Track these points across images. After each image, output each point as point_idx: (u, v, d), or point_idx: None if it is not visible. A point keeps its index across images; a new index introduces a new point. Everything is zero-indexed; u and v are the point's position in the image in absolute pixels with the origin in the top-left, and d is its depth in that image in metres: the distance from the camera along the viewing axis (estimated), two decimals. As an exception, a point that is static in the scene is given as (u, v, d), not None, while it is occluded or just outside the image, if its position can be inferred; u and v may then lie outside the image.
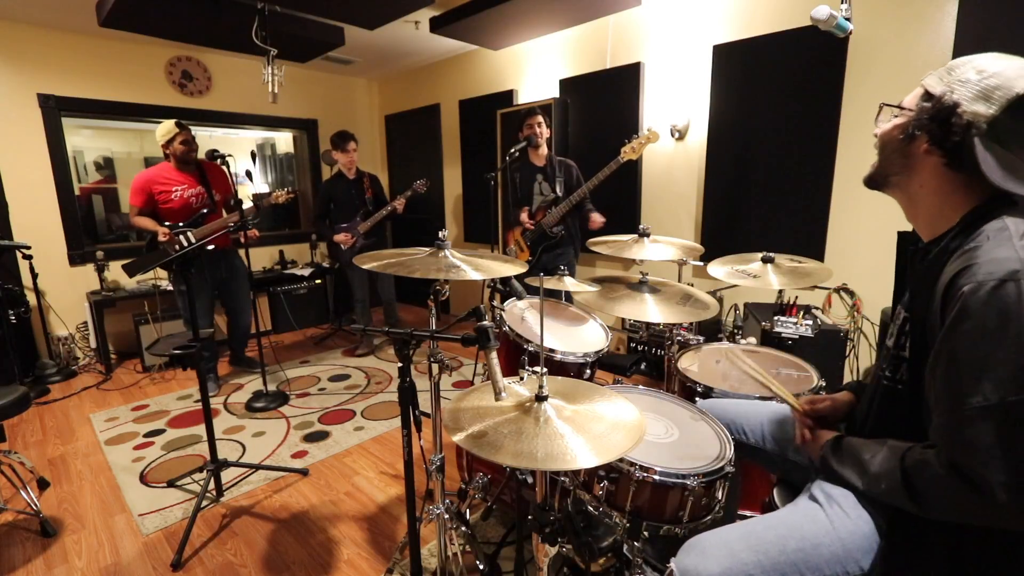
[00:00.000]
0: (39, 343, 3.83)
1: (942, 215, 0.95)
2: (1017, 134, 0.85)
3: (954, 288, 0.83)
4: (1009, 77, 0.85)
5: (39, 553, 1.97)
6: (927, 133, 0.91)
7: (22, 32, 3.70)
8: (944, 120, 0.88)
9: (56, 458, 2.68)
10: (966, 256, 0.84)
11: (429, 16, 3.51)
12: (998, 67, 0.87)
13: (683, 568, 0.99)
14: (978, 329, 0.78)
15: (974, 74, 0.88)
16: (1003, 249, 0.81)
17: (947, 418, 0.82)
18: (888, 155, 1.00)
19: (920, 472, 0.84)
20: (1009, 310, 0.76)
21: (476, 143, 4.79)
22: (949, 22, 2.31)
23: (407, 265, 1.39)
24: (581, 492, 1.35)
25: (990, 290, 0.77)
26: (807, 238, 2.83)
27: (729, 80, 3.05)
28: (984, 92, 0.86)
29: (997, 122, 0.85)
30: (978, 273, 0.79)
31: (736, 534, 1.02)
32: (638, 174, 3.57)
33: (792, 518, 1.03)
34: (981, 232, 0.87)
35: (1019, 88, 0.84)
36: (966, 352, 0.80)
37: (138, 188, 3.17)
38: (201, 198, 3.27)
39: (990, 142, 0.85)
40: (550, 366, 1.85)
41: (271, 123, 5.17)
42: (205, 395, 2.17)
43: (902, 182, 1.00)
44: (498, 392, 1.05)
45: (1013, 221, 0.86)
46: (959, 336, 0.81)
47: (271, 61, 2.88)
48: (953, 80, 0.89)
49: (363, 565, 1.88)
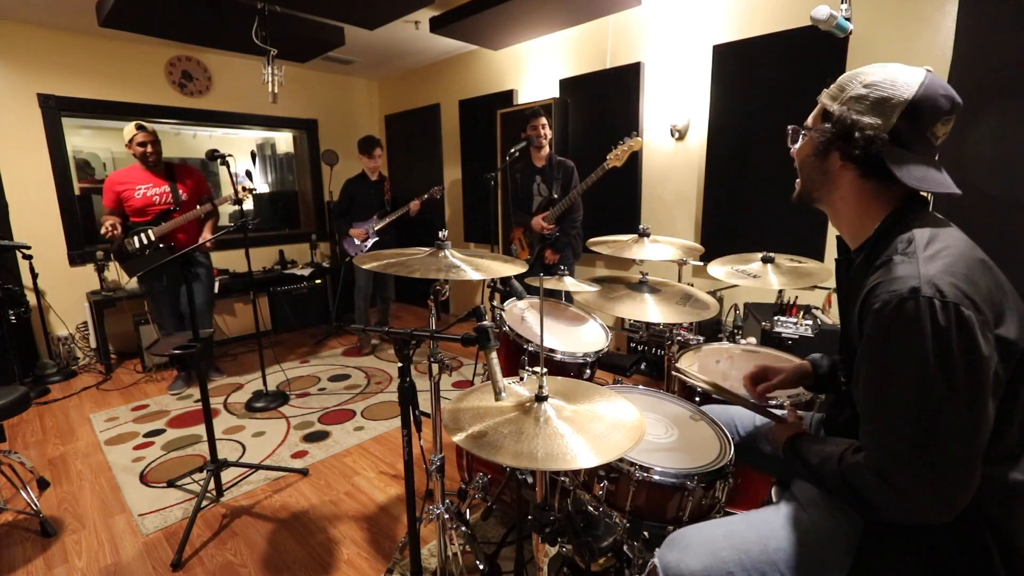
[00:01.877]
0: (39, 343, 3.83)
1: (862, 225, 0.99)
2: (917, 136, 0.90)
3: (866, 307, 0.87)
4: (896, 85, 0.89)
5: (39, 553, 1.97)
6: (837, 150, 0.95)
7: (22, 32, 3.70)
8: (849, 137, 0.92)
9: (56, 458, 2.68)
10: (879, 273, 0.88)
11: (429, 16, 3.51)
12: (882, 77, 0.91)
13: (665, 563, 1.02)
14: (882, 345, 0.83)
15: (863, 89, 0.92)
16: (906, 267, 0.84)
17: (869, 427, 0.87)
18: (808, 174, 1.05)
19: (854, 475, 0.88)
20: (910, 326, 0.79)
21: (476, 143, 4.78)
22: (949, 22, 2.31)
23: (407, 265, 1.39)
24: (581, 492, 1.35)
25: (893, 308, 0.81)
26: (807, 238, 2.83)
27: (729, 80, 3.05)
28: (877, 105, 0.90)
29: (896, 130, 0.89)
30: (883, 293, 0.83)
31: (719, 532, 1.04)
32: (638, 174, 3.57)
33: (774, 518, 1.05)
34: (892, 245, 0.91)
35: (907, 95, 0.88)
36: (875, 367, 0.85)
37: (106, 188, 3.22)
38: (165, 197, 3.28)
39: (896, 148, 0.90)
40: (550, 366, 1.85)
41: (271, 123, 5.17)
42: (205, 395, 2.17)
43: (824, 197, 1.04)
44: (498, 392, 1.05)
45: (920, 232, 0.89)
46: (869, 352, 0.86)
47: (271, 61, 2.88)
48: (846, 98, 0.94)
49: (363, 565, 1.88)
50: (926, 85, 0.88)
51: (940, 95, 0.88)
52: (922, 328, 0.78)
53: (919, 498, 0.80)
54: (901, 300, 0.80)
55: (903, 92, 0.88)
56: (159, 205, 3.26)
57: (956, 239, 0.89)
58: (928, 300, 0.78)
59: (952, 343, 0.77)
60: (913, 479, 0.79)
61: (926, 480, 0.79)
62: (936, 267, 0.82)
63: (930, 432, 0.78)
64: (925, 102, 0.88)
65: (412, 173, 5.64)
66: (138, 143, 3.18)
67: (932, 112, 0.88)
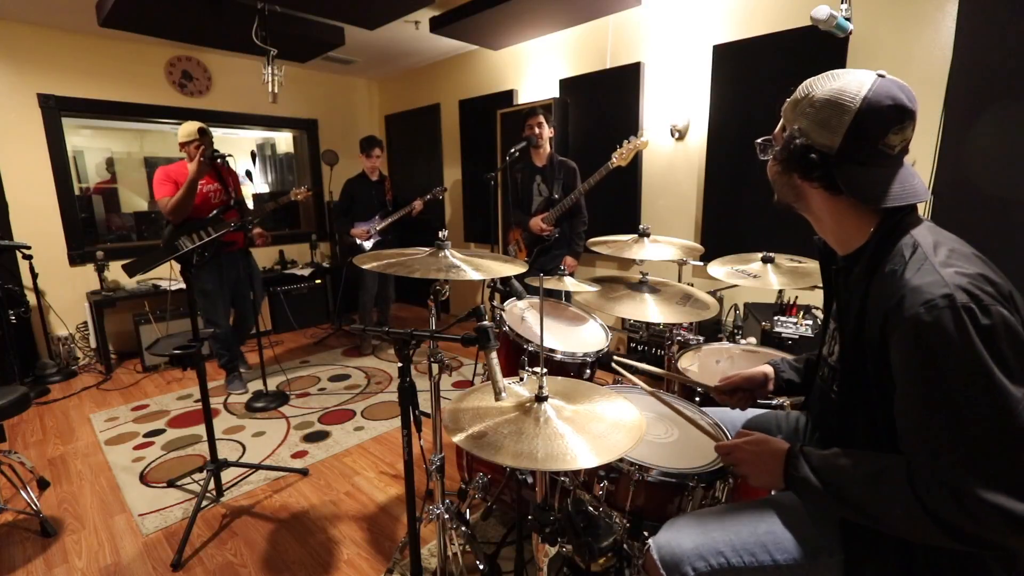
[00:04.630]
0: (39, 343, 3.83)
1: (849, 235, 0.97)
2: (868, 151, 0.87)
3: (891, 319, 0.83)
4: (839, 102, 0.86)
5: (39, 553, 1.97)
6: (794, 170, 0.94)
7: (22, 32, 3.70)
8: (801, 157, 0.90)
9: (56, 458, 2.68)
10: (893, 282, 0.84)
11: (429, 16, 3.51)
12: (828, 92, 0.88)
13: (659, 543, 1.04)
14: (931, 361, 0.78)
15: (809, 107, 0.90)
16: (926, 274, 0.82)
17: (950, 449, 0.78)
18: (780, 188, 1.03)
19: (935, 499, 0.78)
20: (959, 335, 0.76)
21: (476, 143, 4.78)
22: (949, 22, 2.31)
23: (407, 265, 1.39)
24: (581, 492, 1.35)
25: (934, 321, 0.77)
26: (807, 238, 2.82)
27: (729, 80, 3.05)
28: (824, 123, 0.88)
29: (844, 148, 0.87)
30: (914, 305, 0.79)
31: (711, 515, 1.07)
32: (638, 174, 3.57)
33: (766, 503, 1.06)
34: (897, 251, 0.88)
35: (850, 110, 0.85)
36: (931, 385, 0.79)
37: (165, 178, 3.10)
38: (219, 194, 3.26)
39: (848, 166, 0.88)
40: (550, 366, 1.84)
41: (271, 123, 5.17)
42: (205, 395, 2.17)
43: (802, 207, 1.03)
44: (498, 392, 1.05)
45: (920, 235, 0.88)
46: (917, 371, 0.81)
47: (271, 61, 2.88)
48: (797, 115, 0.92)
49: (363, 565, 1.88)
50: (869, 98, 0.84)
51: (886, 106, 0.84)
52: (969, 336, 0.76)
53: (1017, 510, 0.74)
54: (938, 310, 0.77)
55: (847, 107, 0.85)
56: (215, 202, 3.23)
57: (952, 239, 0.89)
58: (967, 307, 0.76)
59: (1001, 343, 0.76)
60: (1013, 487, 0.74)
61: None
62: (957, 271, 0.80)
63: (1015, 434, 0.75)
64: (870, 116, 0.85)
65: (412, 173, 5.64)
66: (195, 146, 3.08)
67: (879, 124, 0.85)
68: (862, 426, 0.95)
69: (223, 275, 3.31)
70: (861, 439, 0.95)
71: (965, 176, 2.20)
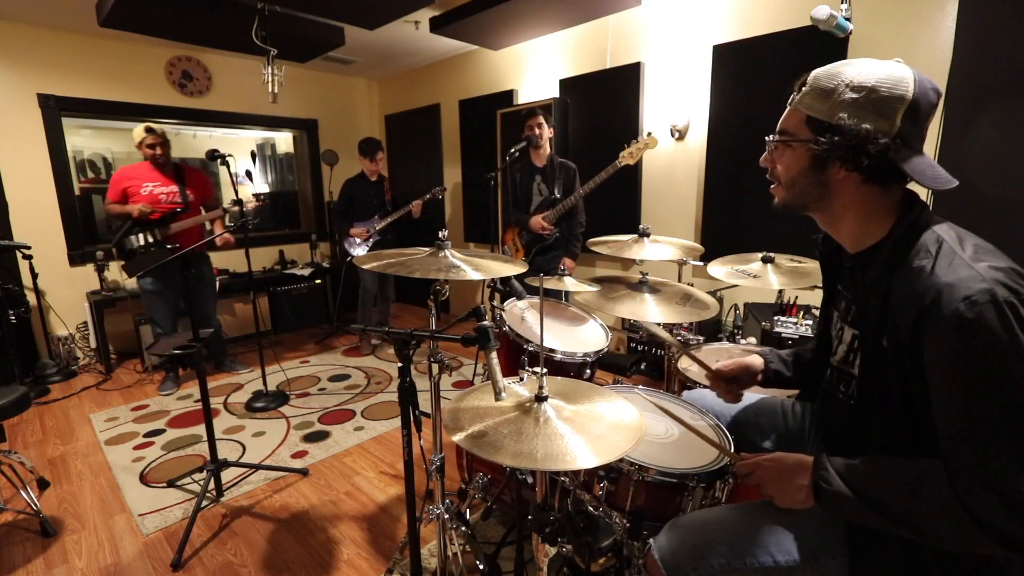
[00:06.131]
0: (39, 343, 3.83)
1: (867, 230, 0.96)
2: (917, 135, 0.88)
3: (926, 317, 0.80)
4: (896, 86, 0.86)
5: (39, 553, 1.97)
6: (840, 160, 0.89)
7: (22, 32, 3.70)
8: (858, 145, 0.86)
9: (56, 458, 2.68)
10: (925, 281, 0.82)
11: (429, 16, 3.51)
12: (876, 78, 0.87)
13: (660, 544, 1.04)
14: (980, 358, 0.76)
15: (854, 92, 0.87)
16: (959, 269, 0.80)
17: (1002, 451, 0.75)
18: (802, 187, 0.98)
19: (985, 508, 0.76)
20: (1005, 330, 0.74)
21: (476, 143, 4.78)
22: (949, 22, 2.31)
23: (407, 265, 1.39)
24: (581, 492, 1.35)
25: (976, 318, 0.75)
26: (807, 238, 2.83)
27: (729, 80, 3.05)
28: (878, 108, 0.86)
29: (901, 131, 0.86)
30: (952, 301, 0.77)
31: (712, 516, 1.07)
32: (638, 174, 3.57)
33: (767, 504, 1.05)
34: (920, 246, 0.87)
35: (907, 94, 0.85)
36: (983, 383, 0.76)
37: (113, 182, 3.25)
38: (172, 197, 3.29)
39: (904, 150, 0.87)
40: (550, 366, 1.84)
41: (271, 123, 5.17)
42: (205, 395, 2.17)
43: (822, 206, 1.00)
44: (498, 392, 1.05)
45: (943, 230, 0.88)
46: (963, 370, 0.78)
47: (271, 61, 2.88)
48: (839, 103, 0.89)
49: (363, 565, 1.88)
50: (918, 81, 0.86)
51: (929, 89, 0.87)
52: (1014, 332, 0.74)
53: None
54: (979, 306, 0.75)
55: (903, 92, 0.85)
56: (166, 204, 3.26)
57: (972, 235, 0.89)
58: (1008, 302, 0.75)
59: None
60: None
61: None
62: (990, 265, 0.79)
63: None
64: (923, 99, 0.86)
65: (412, 173, 5.63)
66: (147, 145, 3.20)
67: (928, 108, 0.87)
68: (876, 430, 0.93)
69: (167, 276, 3.31)
70: (874, 443, 0.93)
71: (965, 176, 2.20)
